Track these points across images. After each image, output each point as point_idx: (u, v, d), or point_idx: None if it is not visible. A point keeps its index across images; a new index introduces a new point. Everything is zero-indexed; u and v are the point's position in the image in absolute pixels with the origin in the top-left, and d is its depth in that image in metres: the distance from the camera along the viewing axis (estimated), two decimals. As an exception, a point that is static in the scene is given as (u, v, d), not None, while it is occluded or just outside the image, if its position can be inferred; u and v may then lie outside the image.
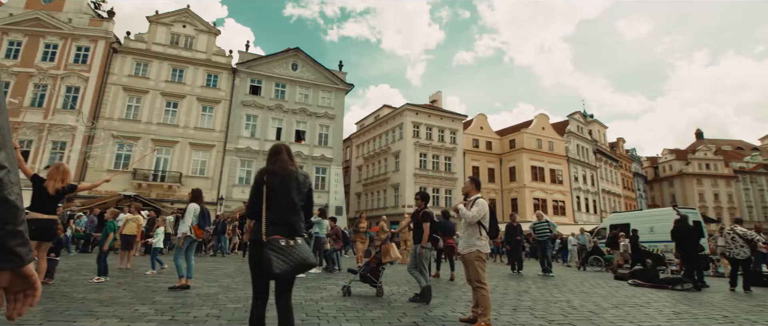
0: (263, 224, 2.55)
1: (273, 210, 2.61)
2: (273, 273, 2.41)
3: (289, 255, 2.47)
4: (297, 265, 2.50)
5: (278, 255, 2.44)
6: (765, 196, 59.77)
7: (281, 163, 2.77)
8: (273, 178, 2.67)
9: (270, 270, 2.41)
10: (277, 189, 2.65)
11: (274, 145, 2.95)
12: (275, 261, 2.41)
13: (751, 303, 6.78)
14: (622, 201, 49.44)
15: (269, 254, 2.43)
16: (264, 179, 2.67)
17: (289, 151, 2.92)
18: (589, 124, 48.97)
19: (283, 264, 2.43)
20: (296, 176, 2.77)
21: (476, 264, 4.37)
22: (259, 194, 2.64)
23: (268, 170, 2.73)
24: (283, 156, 2.82)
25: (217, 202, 25.19)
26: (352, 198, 41.99)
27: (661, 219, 15.45)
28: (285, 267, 2.44)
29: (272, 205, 2.62)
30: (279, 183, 2.67)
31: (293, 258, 2.48)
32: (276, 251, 2.45)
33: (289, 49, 30.69)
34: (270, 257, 2.42)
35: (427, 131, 36.07)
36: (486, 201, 4.61)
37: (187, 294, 5.61)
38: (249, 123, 27.98)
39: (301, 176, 2.81)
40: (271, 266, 2.40)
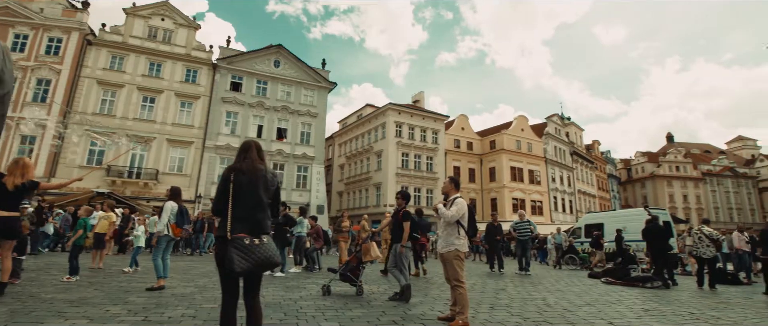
0: (229, 221, 2.54)
1: (239, 208, 2.60)
2: (233, 271, 2.43)
3: (252, 254, 2.47)
4: (259, 264, 2.50)
5: (240, 254, 2.44)
6: (730, 198, 62.60)
7: (249, 162, 2.75)
8: (240, 176, 2.66)
9: (231, 268, 2.42)
10: (244, 187, 2.64)
11: (245, 141, 2.94)
12: (236, 259, 2.42)
13: (716, 300, 7.09)
14: (596, 202, 50.87)
15: (231, 252, 2.44)
16: (231, 176, 2.65)
17: (259, 149, 2.91)
18: (566, 126, 50.18)
19: (244, 262, 2.43)
20: (264, 174, 2.76)
21: (455, 263, 4.43)
22: (226, 191, 2.63)
23: (236, 168, 2.71)
24: (253, 153, 2.81)
25: (195, 200, 24.68)
26: (333, 197, 41.83)
27: (633, 219, 15.98)
28: (246, 265, 2.44)
29: (238, 203, 2.60)
30: (246, 180, 2.66)
31: (256, 256, 2.48)
32: (238, 249, 2.45)
33: (272, 46, 30.32)
34: (232, 255, 2.43)
35: (410, 131, 36.24)
36: (465, 200, 4.68)
37: (161, 294, 5.49)
38: (229, 120, 27.50)
39: (269, 175, 2.81)
40: (232, 264, 2.41)
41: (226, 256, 2.44)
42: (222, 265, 2.53)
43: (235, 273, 2.44)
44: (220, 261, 2.54)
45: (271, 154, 27.65)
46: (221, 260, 2.53)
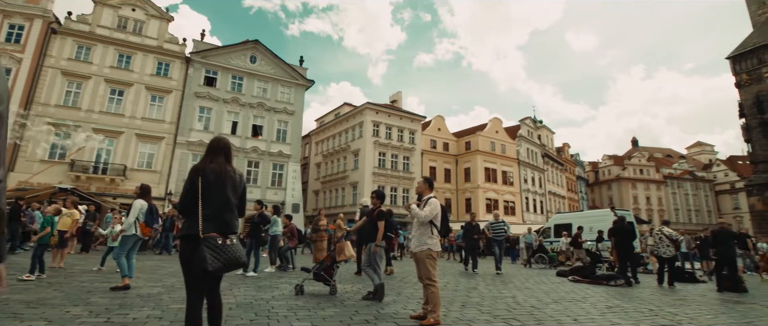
0: (200, 220, 2.54)
1: (208, 207, 2.60)
2: (206, 270, 2.44)
3: (224, 254, 2.50)
4: (229, 264, 2.53)
5: (213, 253, 2.46)
6: (689, 200, 66.00)
7: (217, 164, 2.76)
8: (209, 175, 2.66)
9: (204, 266, 2.43)
10: (213, 187, 2.65)
11: (214, 139, 2.91)
12: (210, 259, 2.44)
13: (674, 297, 7.47)
14: (566, 203, 52.53)
15: (204, 251, 2.45)
16: (199, 175, 2.65)
17: (228, 151, 2.90)
18: (538, 129, 51.56)
19: (216, 261, 2.46)
20: (232, 175, 2.78)
21: (427, 262, 4.49)
22: (194, 191, 2.62)
23: (204, 168, 2.70)
24: (221, 157, 2.81)
25: (165, 198, 23.91)
26: (309, 195, 41.46)
27: (599, 219, 16.60)
28: (218, 264, 2.47)
29: (207, 202, 2.61)
30: (214, 180, 2.66)
31: (227, 256, 2.51)
32: (211, 249, 2.47)
33: (248, 41, 29.72)
34: (205, 254, 2.44)
35: (387, 131, 36.34)
36: (438, 201, 4.75)
37: (126, 294, 5.30)
38: (202, 115, 26.77)
39: (237, 176, 2.84)
40: (204, 263, 2.43)
41: (199, 255, 2.44)
42: (190, 264, 2.53)
43: (208, 272, 2.46)
44: (188, 259, 2.53)
45: (245, 152, 27.13)
46: (189, 258, 2.52)
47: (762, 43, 23.99)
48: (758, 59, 24.41)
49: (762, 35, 24.27)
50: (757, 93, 24.33)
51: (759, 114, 24.04)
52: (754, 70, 24.62)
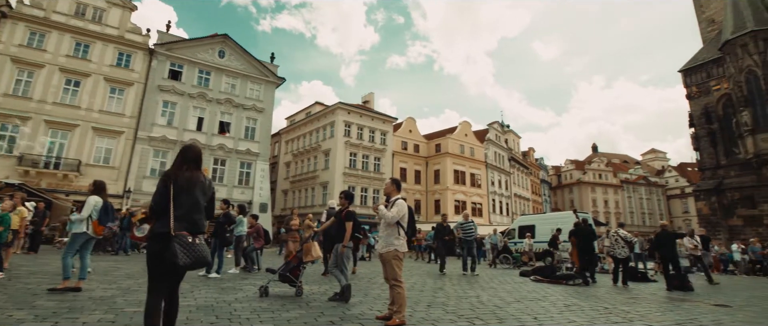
0: (171, 219, 2.70)
1: (179, 208, 2.79)
2: (177, 266, 2.62)
3: (193, 251, 2.70)
4: (197, 261, 2.73)
5: (183, 249, 2.66)
6: (643, 204, 69.92)
7: (189, 171, 2.96)
8: (180, 181, 2.87)
9: (175, 261, 2.60)
10: (184, 191, 2.85)
11: (186, 147, 3.10)
12: (180, 254, 2.62)
13: (627, 296, 7.87)
14: (530, 205, 54.29)
15: (175, 247, 2.63)
16: (171, 179, 2.85)
17: (199, 159, 3.08)
18: (505, 133, 53.05)
19: (186, 257, 2.65)
20: (201, 181, 2.99)
21: (394, 263, 4.52)
22: (167, 193, 2.80)
23: (175, 173, 2.90)
24: (192, 165, 3.00)
25: (123, 195, 22.79)
26: (278, 195, 40.71)
27: (561, 221, 17.27)
28: (188, 260, 2.66)
29: (178, 203, 2.79)
30: (185, 183, 2.87)
31: (195, 254, 2.71)
32: (182, 245, 2.66)
33: (217, 35, 28.84)
34: (176, 250, 2.62)
35: (359, 131, 36.27)
36: (405, 202, 4.79)
37: (76, 297, 5.00)
38: (166, 110, 25.69)
39: (207, 181, 3.07)
40: (176, 258, 2.60)
41: (170, 251, 2.61)
42: (159, 260, 2.67)
43: (179, 267, 2.63)
44: (158, 255, 2.67)
45: (212, 149, 26.28)
46: (159, 254, 2.66)
47: (710, 58, 25.74)
48: (707, 73, 26.19)
49: (711, 51, 26.04)
50: (705, 105, 26.08)
51: (707, 124, 25.78)
52: (703, 84, 26.38)
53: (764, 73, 21.79)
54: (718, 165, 24.97)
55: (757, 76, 22.05)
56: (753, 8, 22.76)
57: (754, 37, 22.19)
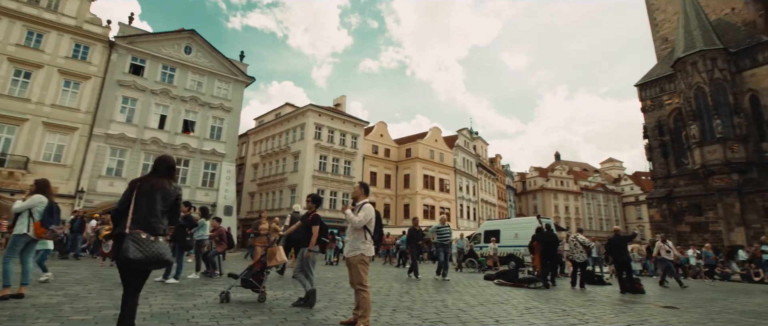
0: (128, 220, 2.95)
1: (138, 212, 3.02)
2: (127, 259, 2.82)
3: (146, 247, 2.89)
4: (152, 257, 2.91)
5: (136, 245, 2.86)
6: (601, 210, 73.38)
7: (155, 178, 3.23)
8: (143, 187, 3.13)
9: (125, 256, 2.82)
10: (144, 196, 3.09)
11: (161, 157, 3.42)
12: (132, 249, 2.83)
13: (584, 299, 8.20)
14: (496, 210, 55.69)
15: (127, 243, 2.84)
16: (135, 186, 3.12)
17: (170, 169, 3.37)
18: (474, 140, 54.24)
19: (138, 252, 2.84)
20: (166, 188, 3.22)
21: (359, 268, 4.49)
22: (129, 197, 3.07)
23: (141, 179, 3.21)
24: (162, 174, 3.30)
25: (75, 195, 21.47)
26: (244, 197, 39.67)
27: (525, 226, 17.77)
28: (139, 255, 2.84)
29: (138, 207, 3.04)
30: (148, 190, 3.12)
31: (149, 250, 2.89)
32: (135, 241, 2.87)
33: (184, 30, 27.83)
34: (128, 245, 2.84)
35: (329, 134, 36.01)
36: (372, 206, 4.78)
37: (18, 304, 4.65)
38: (126, 106, 24.46)
39: (172, 188, 3.28)
40: (127, 253, 2.82)
41: (123, 246, 2.84)
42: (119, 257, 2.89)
43: (130, 261, 2.82)
44: (118, 253, 2.89)
45: (174, 148, 25.25)
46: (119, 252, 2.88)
47: (664, 74, 27.44)
48: (660, 88, 27.89)
49: (664, 67, 27.78)
50: (658, 118, 27.74)
51: (659, 136, 27.42)
52: (657, 98, 28.08)
53: (711, 90, 23.46)
54: (669, 175, 26.60)
55: (704, 93, 23.70)
56: (702, 29, 24.51)
57: (703, 56, 23.87)
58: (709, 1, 27.65)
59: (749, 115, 23.06)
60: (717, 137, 22.78)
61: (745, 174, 22.48)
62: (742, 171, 22.49)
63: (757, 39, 23.52)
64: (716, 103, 23.16)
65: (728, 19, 26.56)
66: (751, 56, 23.56)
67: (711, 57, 23.78)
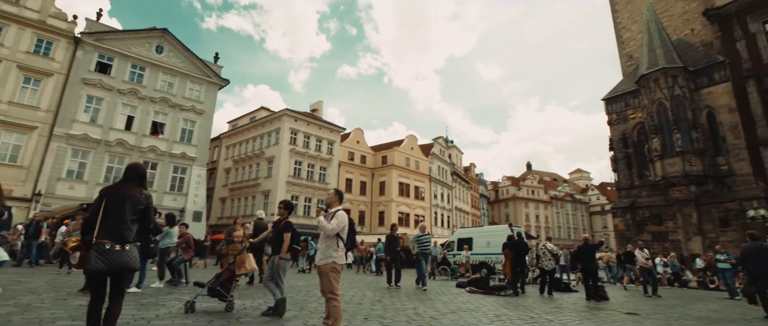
0: (97, 229, 2.99)
1: (107, 220, 3.05)
2: (89, 270, 2.91)
3: (110, 257, 2.92)
4: (116, 267, 2.95)
5: (98, 255, 2.90)
6: (569, 219, 75.69)
7: (124, 187, 3.25)
8: (113, 194, 3.16)
9: (86, 267, 2.92)
10: (113, 205, 3.11)
11: (131, 165, 3.42)
12: (93, 260, 2.88)
13: (552, 306, 8.40)
14: (469, 218, 56.47)
15: (91, 254, 2.90)
16: (105, 195, 3.16)
17: (141, 177, 3.38)
18: (449, 148, 54.99)
19: (99, 263, 2.88)
20: (134, 195, 3.24)
21: (331, 276, 4.44)
22: (99, 206, 3.09)
23: (111, 187, 3.26)
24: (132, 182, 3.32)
25: (31, 198, 20.28)
26: (215, 203, 38.57)
27: (497, 234, 18.07)
28: (100, 266, 2.88)
29: (108, 216, 3.06)
30: (117, 199, 3.15)
31: (113, 259, 2.93)
32: (98, 252, 2.91)
33: (155, 29, 27.01)
34: (90, 256, 2.89)
35: (305, 139, 35.64)
36: (345, 213, 4.75)
37: (-40, 315, 4.33)
38: (90, 106, 23.40)
39: (142, 197, 3.30)
40: (88, 264, 2.90)
41: (86, 257, 2.93)
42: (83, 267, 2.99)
43: (91, 272, 2.91)
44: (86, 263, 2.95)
45: (141, 151, 24.32)
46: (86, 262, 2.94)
47: (628, 89, 28.75)
48: (625, 103, 29.18)
49: (629, 83, 29.10)
50: (623, 131, 28.98)
51: (624, 148, 28.63)
52: (622, 112, 29.35)
53: (672, 106, 24.74)
54: (632, 186, 27.76)
55: (665, 108, 24.97)
56: (664, 48, 25.88)
57: (665, 74, 25.17)
58: (671, 22, 29.27)
59: (706, 131, 24.43)
60: (677, 151, 23.99)
61: (702, 187, 23.74)
62: (700, 184, 23.75)
63: (714, 59, 25.03)
64: (676, 118, 24.42)
65: (688, 39, 28.16)
66: (708, 75, 25.03)
67: (672, 74, 25.10)
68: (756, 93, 22.67)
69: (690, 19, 28.44)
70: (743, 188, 22.43)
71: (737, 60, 23.83)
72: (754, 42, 23.48)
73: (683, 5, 29.06)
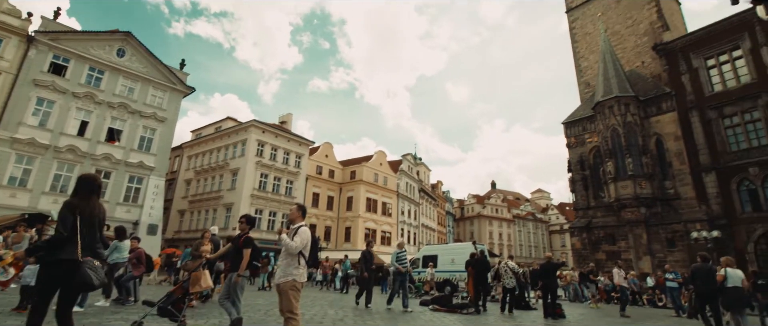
0: (79, 247, 3.03)
1: (84, 238, 3.10)
2: (93, 287, 3.07)
3: (99, 274, 3.12)
4: (101, 283, 3.14)
5: (93, 272, 3.05)
6: (531, 237, 77.99)
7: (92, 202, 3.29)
8: (84, 211, 3.18)
9: (90, 283, 3.02)
10: (87, 222, 3.16)
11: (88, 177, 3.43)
12: (93, 276, 3.03)
13: (512, 323, 8.55)
14: (436, 235, 56.96)
15: (86, 272, 3.00)
16: (77, 212, 3.13)
17: (100, 189, 3.45)
18: (418, 165, 55.63)
19: (96, 279, 3.05)
20: (101, 211, 3.34)
21: (291, 294, 4.33)
22: (73, 223, 3.08)
23: (79, 203, 3.21)
24: (94, 196, 3.33)
25: (-36, 206, 18.58)
26: (172, 215, 36.84)
27: (461, 251, 18.29)
28: (98, 283, 3.08)
29: (83, 233, 3.10)
30: (89, 215, 3.20)
31: (100, 277, 3.11)
32: (92, 269, 3.05)
33: (118, 32, 25.89)
34: (88, 274, 3.00)
35: (272, 152, 34.97)
36: (308, 229, 4.68)
37: None
38: (40, 108, 21.92)
39: (103, 212, 3.38)
40: (91, 281, 3.01)
41: (82, 274, 2.98)
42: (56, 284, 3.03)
43: (94, 287, 3.09)
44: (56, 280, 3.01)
45: (94, 158, 22.95)
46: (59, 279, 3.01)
47: (585, 115, 30.42)
48: (582, 127, 30.81)
49: (586, 109, 30.81)
50: (580, 154, 30.49)
51: (581, 170, 30.08)
52: (580, 135, 30.95)
53: (624, 132, 26.37)
54: (588, 207, 29.11)
55: (619, 134, 26.57)
56: (618, 78, 27.73)
57: (618, 101, 26.89)
58: (624, 54, 31.45)
59: (655, 156, 26.15)
60: (629, 174, 25.48)
61: (651, 209, 25.25)
62: (649, 206, 25.25)
63: (662, 90, 27.02)
64: (628, 144, 26.01)
65: (639, 71, 30.31)
66: (657, 104, 26.96)
67: (625, 103, 26.84)
68: (698, 123, 24.61)
69: (641, 52, 30.69)
70: (688, 211, 24.05)
71: (682, 92, 25.85)
72: (697, 76, 25.60)
73: (635, 39, 31.37)
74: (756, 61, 23.14)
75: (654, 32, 29.83)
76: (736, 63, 24.25)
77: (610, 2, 33.70)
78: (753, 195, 22.18)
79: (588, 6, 35.42)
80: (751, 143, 22.71)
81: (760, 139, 22.41)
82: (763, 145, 22.18)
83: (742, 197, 22.58)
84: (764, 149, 22.04)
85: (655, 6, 30.34)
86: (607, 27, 32.03)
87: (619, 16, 32.76)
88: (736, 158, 23.02)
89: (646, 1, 31.04)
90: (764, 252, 21.30)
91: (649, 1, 30.80)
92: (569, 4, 37.26)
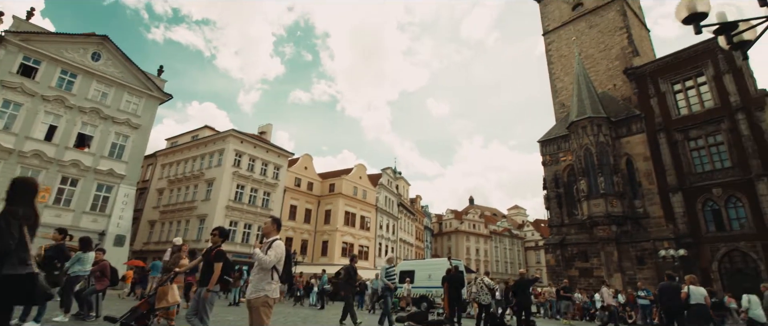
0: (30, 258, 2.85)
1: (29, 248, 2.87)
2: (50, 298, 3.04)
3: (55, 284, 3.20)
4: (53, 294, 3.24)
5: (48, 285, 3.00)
6: (507, 253, 78.89)
7: (33, 209, 3.03)
8: (29, 219, 2.93)
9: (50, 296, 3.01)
10: (31, 230, 2.95)
11: (26, 181, 3.17)
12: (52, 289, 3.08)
13: (485, 341, 8.53)
14: (413, 250, 56.88)
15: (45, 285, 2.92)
16: (23, 220, 2.88)
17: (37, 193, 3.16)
18: (397, 179, 55.77)
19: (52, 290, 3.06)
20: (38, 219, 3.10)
21: (262, 311, 4.23)
22: (20, 231, 2.81)
23: (22, 211, 2.90)
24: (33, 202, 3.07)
25: None
26: (142, 226, 35.52)
27: (437, 267, 18.29)
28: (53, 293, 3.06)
29: (31, 245, 2.91)
30: (33, 224, 2.99)
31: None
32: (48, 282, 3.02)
33: (94, 35, 25.23)
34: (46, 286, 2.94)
35: (250, 162, 34.39)
36: (283, 243, 4.59)
37: None
38: (6, 111, 20.93)
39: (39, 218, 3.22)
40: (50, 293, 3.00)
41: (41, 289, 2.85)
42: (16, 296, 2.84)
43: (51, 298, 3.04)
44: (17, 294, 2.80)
45: (61, 165, 21.99)
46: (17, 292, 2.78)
47: (560, 134, 31.36)
48: (557, 146, 31.70)
49: (561, 128, 31.78)
50: (555, 172, 31.28)
51: (556, 188, 30.82)
52: (554, 154, 31.81)
53: (597, 151, 27.27)
54: (562, 224, 29.76)
55: (591, 153, 27.45)
56: (591, 99, 28.80)
57: (591, 122, 27.86)
58: (597, 77, 32.75)
59: (625, 176, 27.08)
60: (601, 192, 26.25)
61: (622, 227, 26.01)
62: (620, 224, 26.01)
63: (632, 112, 28.18)
64: (600, 163, 26.88)
65: (611, 93, 31.59)
66: (627, 125, 28.07)
67: (597, 123, 27.82)
68: (666, 145, 25.70)
69: (613, 75, 32.04)
70: (656, 229, 24.89)
71: (651, 114, 27.02)
72: (664, 100, 26.85)
73: (607, 63, 32.76)
74: (719, 88, 24.48)
75: (625, 57, 31.24)
76: (701, 88, 25.60)
77: (584, 27, 35.18)
78: (717, 215, 23.18)
79: (563, 30, 36.87)
80: (715, 165, 23.84)
81: (723, 162, 23.55)
82: (725, 168, 23.31)
83: (706, 217, 23.57)
84: (727, 171, 23.16)
85: (626, 32, 31.87)
86: (581, 50, 33.35)
87: (592, 41, 34.21)
88: (700, 179, 24.10)
89: (617, 28, 32.57)
90: (728, 271, 22.18)
91: (620, 27, 32.34)
92: (546, 27, 38.69)
